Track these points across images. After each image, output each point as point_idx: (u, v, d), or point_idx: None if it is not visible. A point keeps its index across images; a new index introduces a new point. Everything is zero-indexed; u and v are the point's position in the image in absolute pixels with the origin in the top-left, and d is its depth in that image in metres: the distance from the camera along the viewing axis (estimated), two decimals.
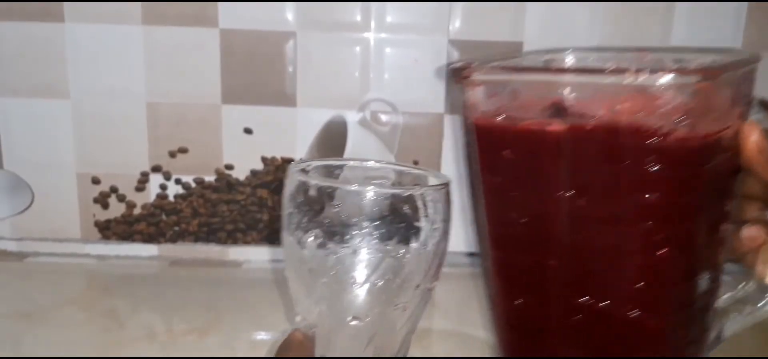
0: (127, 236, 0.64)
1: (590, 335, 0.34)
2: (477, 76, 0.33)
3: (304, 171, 0.32)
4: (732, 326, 0.35)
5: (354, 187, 0.29)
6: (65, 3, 0.58)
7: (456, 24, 0.60)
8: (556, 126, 0.30)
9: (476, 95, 0.34)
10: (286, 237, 0.31)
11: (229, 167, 0.63)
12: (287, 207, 0.31)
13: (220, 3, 0.59)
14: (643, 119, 0.28)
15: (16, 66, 0.60)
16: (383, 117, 0.62)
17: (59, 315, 0.51)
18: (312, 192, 0.30)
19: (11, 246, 0.64)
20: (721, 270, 0.35)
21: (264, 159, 0.63)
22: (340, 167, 0.35)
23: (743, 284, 0.35)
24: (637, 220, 0.30)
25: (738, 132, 0.31)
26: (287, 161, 0.63)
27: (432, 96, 0.62)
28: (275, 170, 0.63)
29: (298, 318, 0.33)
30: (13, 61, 0.60)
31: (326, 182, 0.30)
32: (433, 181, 0.32)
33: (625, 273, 0.31)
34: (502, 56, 0.41)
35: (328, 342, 0.32)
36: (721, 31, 0.61)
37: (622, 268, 0.31)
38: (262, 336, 0.49)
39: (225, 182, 0.63)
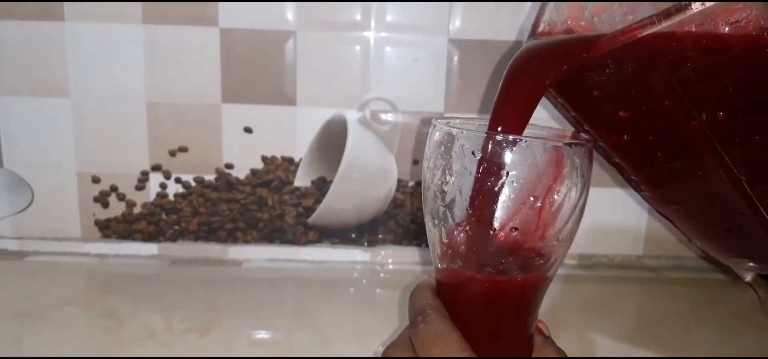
0: (127, 235, 0.64)
1: None
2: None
3: (448, 124, 0.32)
4: None
5: (500, 136, 0.29)
6: (65, 3, 0.59)
7: (456, 24, 0.60)
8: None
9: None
10: (428, 184, 0.32)
11: (229, 166, 0.63)
12: (431, 156, 0.31)
13: (220, 3, 0.59)
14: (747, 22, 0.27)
15: (16, 65, 0.60)
16: (383, 116, 0.62)
17: (59, 314, 0.51)
18: (456, 142, 0.30)
19: (11, 245, 0.64)
20: None
21: (264, 158, 0.63)
22: (481, 122, 0.35)
23: None
24: None
25: None
26: (287, 160, 0.63)
27: (432, 95, 0.62)
28: (275, 168, 0.63)
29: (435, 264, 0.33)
30: (14, 60, 0.60)
31: (471, 132, 0.30)
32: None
33: None
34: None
35: (459, 287, 0.32)
36: None
37: None
38: (261, 334, 0.49)
39: (225, 181, 0.63)
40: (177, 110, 0.61)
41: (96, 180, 0.63)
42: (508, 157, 0.29)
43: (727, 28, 0.28)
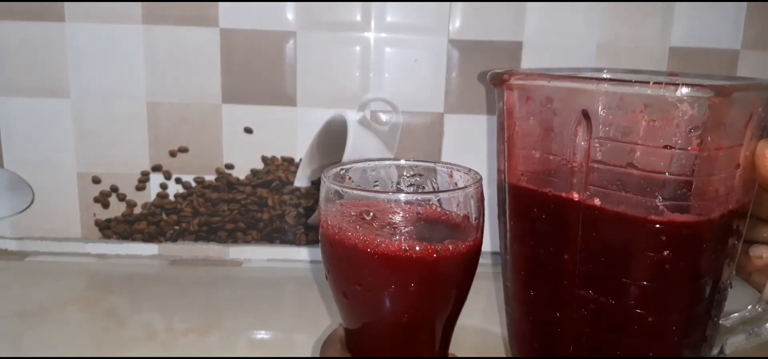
0: (127, 236, 0.64)
1: (596, 327, 0.35)
2: (515, 81, 0.36)
3: (338, 177, 0.33)
4: (735, 343, 0.36)
5: (384, 196, 0.31)
6: (66, 3, 0.59)
7: (456, 24, 0.60)
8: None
9: (513, 97, 0.37)
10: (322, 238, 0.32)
11: (230, 166, 0.63)
12: (322, 213, 0.32)
13: (220, 3, 0.59)
14: (660, 128, 0.30)
15: (17, 65, 0.60)
16: (383, 117, 0.62)
17: (60, 314, 0.51)
18: (345, 199, 0.31)
19: (12, 245, 0.64)
20: (727, 283, 0.35)
21: (264, 159, 0.63)
22: (374, 168, 0.36)
23: (751, 305, 0.36)
24: (645, 221, 0.31)
25: (753, 152, 0.32)
26: (287, 161, 0.63)
27: (432, 96, 0.62)
28: (275, 169, 0.63)
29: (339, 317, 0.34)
30: (14, 60, 0.60)
31: (358, 193, 0.31)
32: (462, 178, 0.34)
33: (632, 271, 0.32)
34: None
35: (368, 338, 0.32)
36: (721, 31, 0.61)
37: (629, 266, 0.32)
38: (261, 335, 0.49)
39: (225, 182, 0.63)
40: (177, 111, 0.61)
41: (96, 180, 0.63)
42: (395, 211, 0.30)
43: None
